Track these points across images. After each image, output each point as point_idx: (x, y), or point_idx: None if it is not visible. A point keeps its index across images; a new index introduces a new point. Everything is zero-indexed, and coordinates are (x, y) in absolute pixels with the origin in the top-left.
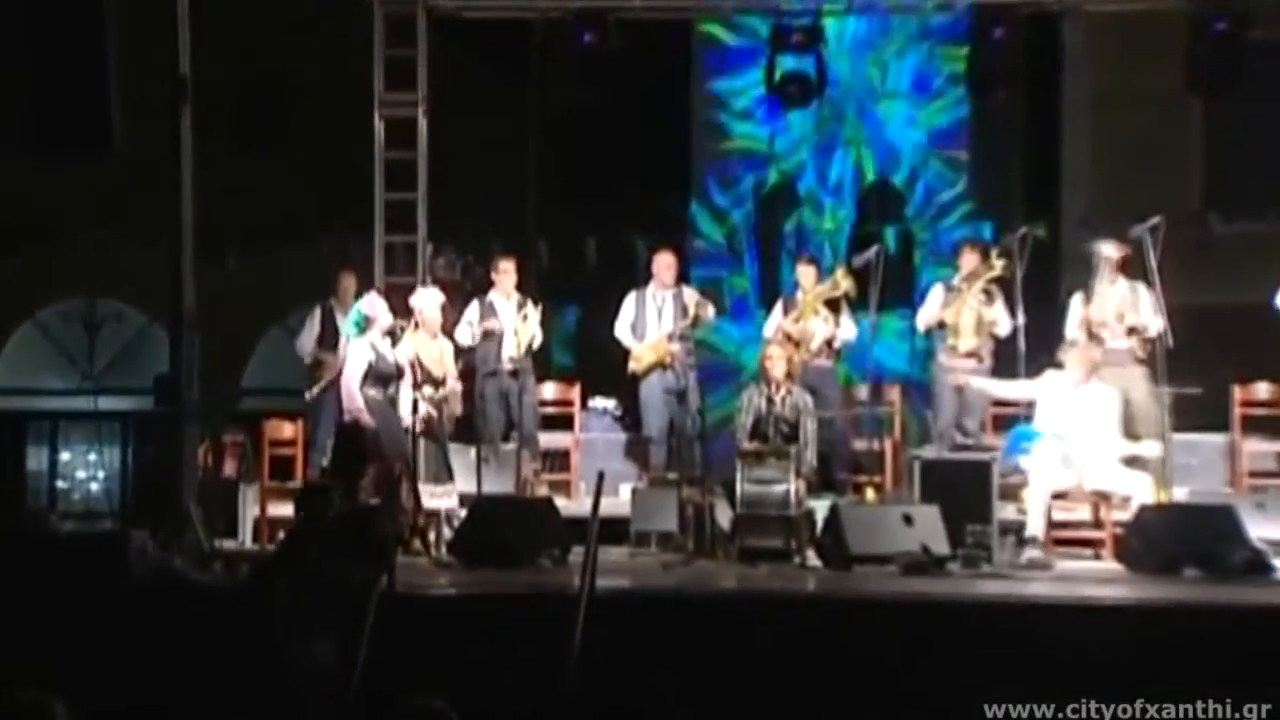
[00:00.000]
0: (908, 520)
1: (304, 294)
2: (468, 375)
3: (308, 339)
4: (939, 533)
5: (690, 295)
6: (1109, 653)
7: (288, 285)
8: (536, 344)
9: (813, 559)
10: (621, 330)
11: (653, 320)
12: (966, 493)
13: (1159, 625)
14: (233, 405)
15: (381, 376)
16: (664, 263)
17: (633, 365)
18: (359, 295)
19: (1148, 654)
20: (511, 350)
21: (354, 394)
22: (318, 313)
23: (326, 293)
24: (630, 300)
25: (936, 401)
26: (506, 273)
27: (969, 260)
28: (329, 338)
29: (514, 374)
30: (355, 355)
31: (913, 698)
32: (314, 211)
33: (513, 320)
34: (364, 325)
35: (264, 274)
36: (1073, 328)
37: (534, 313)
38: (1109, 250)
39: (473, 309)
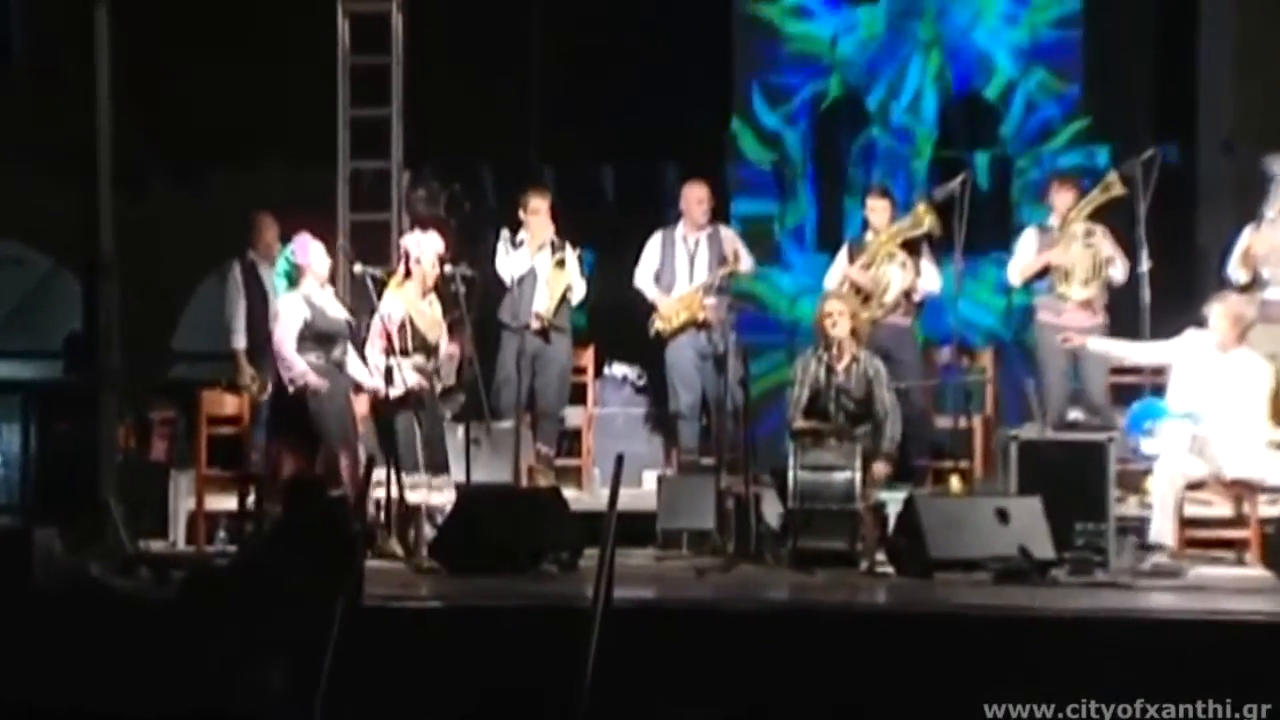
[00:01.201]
0: (1002, 516)
1: (249, 235)
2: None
3: (236, 308)
4: (1041, 532)
5: (729, 238)
6: (1252, 677)
7: (229, 224)
8: (577, 297)
9: (884, 564)
10: (643, 279)
11: (683, 268)
12: (1076, 482)
13: None
14: (161, 373)
15: (320, 337)
16: (695, 197)
17: (659, 324)
18: (285, 243)
19: None
20: (542, 304)
21: (291, 358)
22: (237, 271)
23: (243, 245)
24: (654, 243)
25: (1040, 367)
26: (538, 212)
27: (1063, 199)
28: (258, 300)
29: (542, 334)
30: (286, 313)
31: None
32: (262, 132)
33: (545, 268)
34: (294, 276)
35: (199, 210)
36: (1234, 265)
37: (573, 259)
38: None
39: (509, 252)
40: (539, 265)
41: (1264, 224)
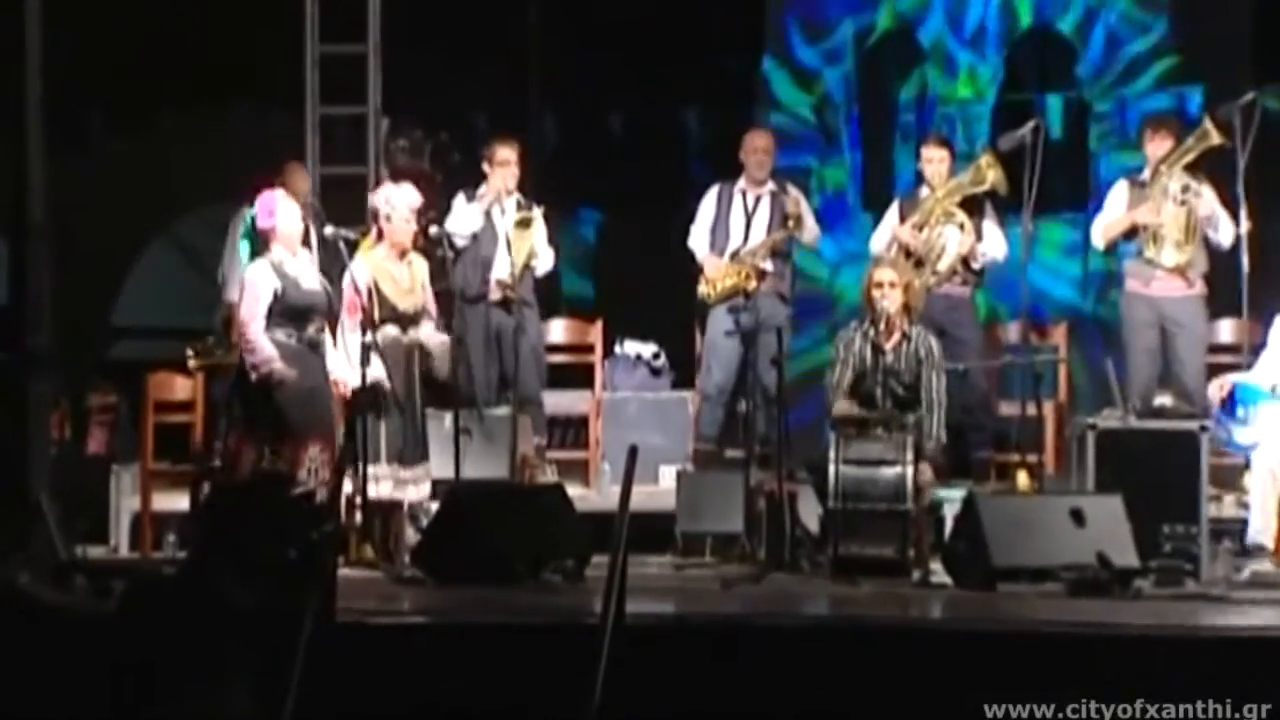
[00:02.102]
0: (1077, 518)
1: (201, 192)
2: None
3: (236, 258)
4: (1122, 536)
5: (797, 200)
6: None
7: (179, 179)
8: (542, 267)
9: (939, 574)
10: (697, 239)
11: (738, 228)
12: (1164, 478)
13: None
14: (101, 352)
15: (293, 312)
16: (755, 147)
17: (702, 289)
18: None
19: None
20: (504, 271)
21: (256, 340)
22: (248, 217)
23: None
24: (711, 198)
25: (1124, 344)
26: (506, 164)
27: (1158, 146)
28: None
29: (504, 305)
30: (254, 284)
31: None
32: (218, 72)
33: (508, 228)
34: (260, 239)
35: (145, 162)
36: None
37: (539, 221)
38: None
39: (464, 207)
40: (500, 224)
41: None
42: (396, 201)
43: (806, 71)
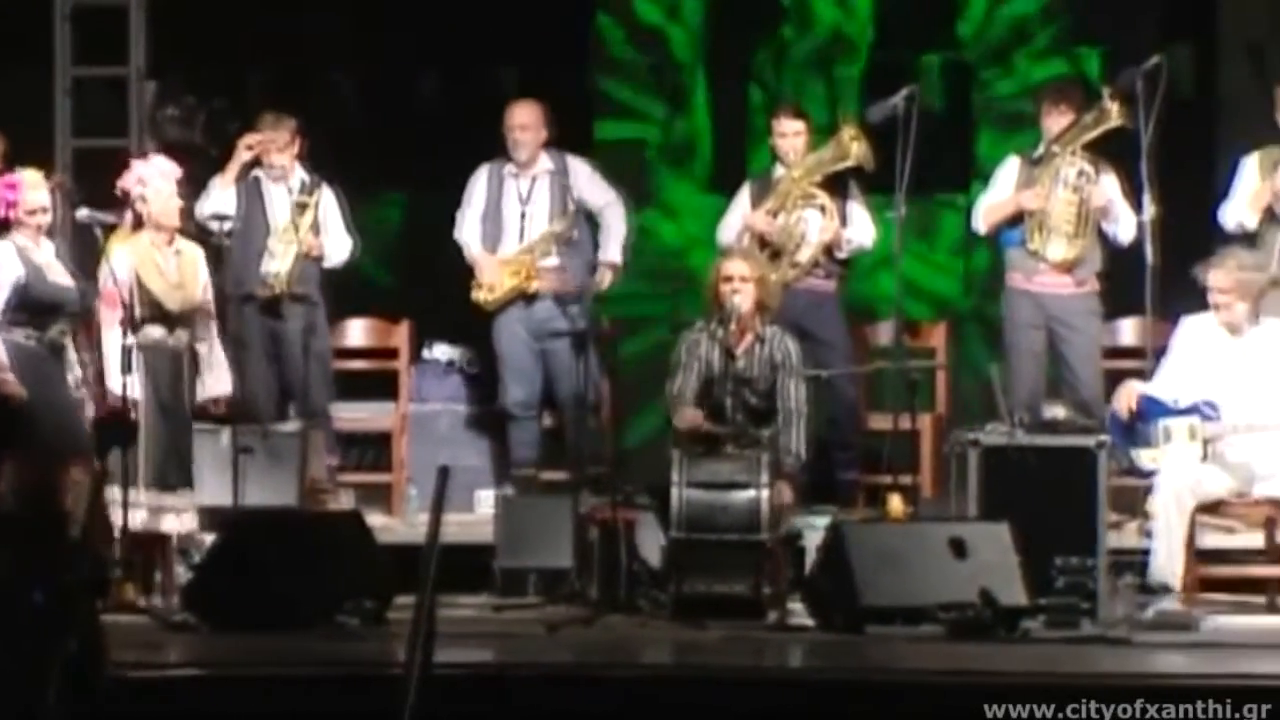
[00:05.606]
0: (958, 549)
1: None
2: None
3: None
4: (1009, 569)
5: (582, 174)
6: None
7: None
8: (336, 257)
9: (799, 614)
10: (469, 231)
11: (512, 219)
12: (1057, 502)
13: None
14: None
15: (37, 308)
16: (521, 120)
17: (479, 294)
18: (9, 166)
19: None
20: (278, 264)
21: None
22: None
23: None
24: (479, 182)
25: (1008, 348)
26: (283, 147)
27: (1056, 120)
28: None
29: (274, 306)
30: None
31: None
32: None
33: (285, 213)
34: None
35: None
36: (1240, 207)
37: (330, 201)
38: None
39: (218, 192)
40: (275, 209)
41: None
42: (149, 176)
43: (646, 29)
